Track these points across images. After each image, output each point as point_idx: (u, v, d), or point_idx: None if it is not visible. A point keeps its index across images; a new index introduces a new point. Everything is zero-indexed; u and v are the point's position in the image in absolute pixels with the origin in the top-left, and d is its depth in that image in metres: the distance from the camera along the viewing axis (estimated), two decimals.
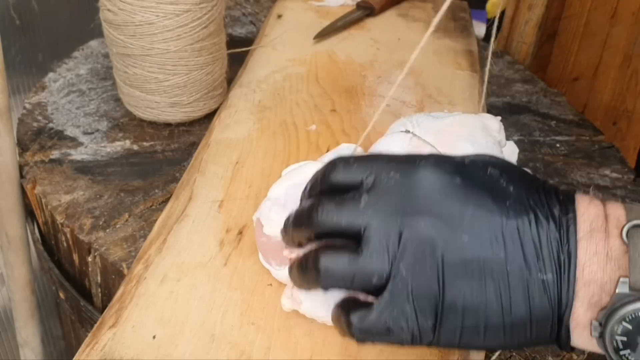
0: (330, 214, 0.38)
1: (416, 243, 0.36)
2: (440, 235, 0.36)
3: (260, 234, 0.49)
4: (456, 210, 0.36)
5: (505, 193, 0.37)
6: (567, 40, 1.09)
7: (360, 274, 0.37)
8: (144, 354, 0.44)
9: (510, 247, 0.35)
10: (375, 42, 0.88)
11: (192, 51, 0.66)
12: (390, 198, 0.37)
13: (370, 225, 0.37)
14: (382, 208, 0.37)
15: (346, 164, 0.40)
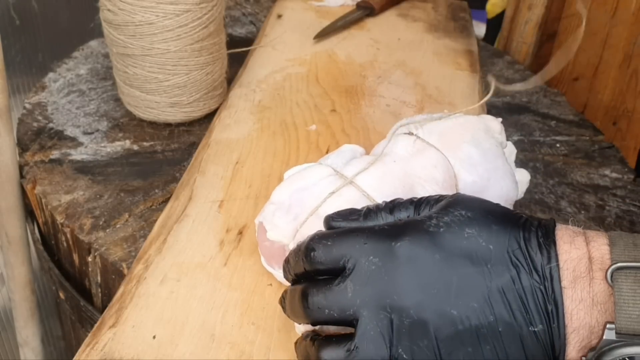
0: (321, 305, 0.39)
1: (408, 327, 0.36)
2: (430, 315, 0.36)
3: (263, 238, 0.49)
4: (441, 287, 0.37)
5: (485, 255, 0.37)
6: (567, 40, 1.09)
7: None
8: (144, 354, 0.44)
9: (497, 309, 0.36)
10: (375, 42, 0.88)
11: (192, 51, 0.66)
12: (374, 285, 0.38)
13: (361, 316, 0.37)
14: (368, 297, 0.37)
15: (325, 245, 0.40)
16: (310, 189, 0.48)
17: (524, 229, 0.38)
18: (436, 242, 0.38)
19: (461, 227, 0.38)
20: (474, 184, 0.50)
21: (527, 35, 1.04)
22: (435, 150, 0.51)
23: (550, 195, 0.70)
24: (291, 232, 0.47)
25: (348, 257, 0.39)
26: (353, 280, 0.38)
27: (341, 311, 0.38)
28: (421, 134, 0.52)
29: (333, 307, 0.39)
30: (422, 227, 0.39)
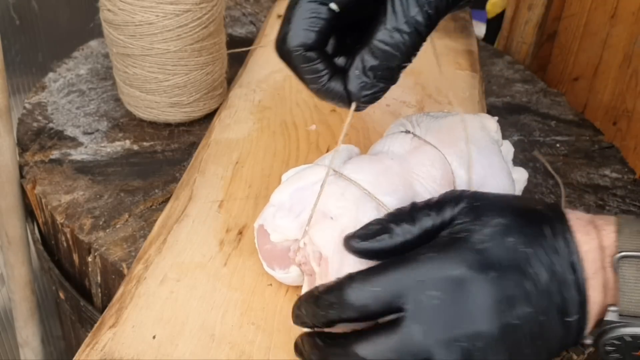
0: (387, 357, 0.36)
1: (482, 350, 0.36)
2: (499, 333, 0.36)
3: (263, 241, 0.49)
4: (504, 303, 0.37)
5: (527, 260, 0.38)
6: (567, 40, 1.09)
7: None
8: (144, 354, 0.44)
9: (546, 309, 0.37)
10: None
11: (192, 51, 0.66)
12: (443, 319, 0.37)
13: (435, 354, 0.36)
14: (441, 333, 0.36)
15: (372, 292, 0.38)
16: (310, 188, 0.48)
17: (548, 224, 0.39)
18: (488, 261, 0.38)
19: (502, 237, 0.38)
20: (471, 181, 0.50)
21: (527, 35, 1.04)
22: (431, 147, 0.51)
23: (550, 195, 0.70)
24: (295, 230, 0.47)
25: (403, 298, 0.37)
26: (419, 320, 0.36)
27: (414, 357, 0.36)
28: (418, 132, 0.52)
29: (404, 355, 0.36)
30: (468, 246, 0.38)
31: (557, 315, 0.37)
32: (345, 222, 0.45)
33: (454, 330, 0.36)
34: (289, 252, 0.48)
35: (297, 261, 0.47)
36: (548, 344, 0.38)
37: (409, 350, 0.36)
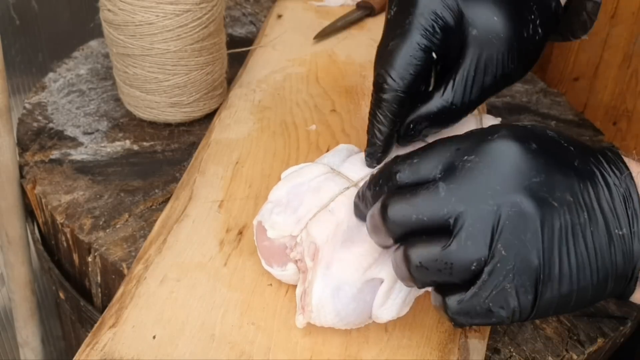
0: (408, 211, 0.38)
1: (514, 220, 0.36)
2: (534, 209, 0.36)
3: (261, 238, 0.49)
4: (543, 179, 0.36)
5: (570, 154, 0.38)
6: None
7: (458, 264, 0.36)
8: (144, 354, 0.44)
9: (590, 208, 0.36)
10: (375, 42, 0.87)
11: (192, 51, 0.66)
12: (474, 181, 0.37)
13: (459, 213, 0.36)
14: (466, 193, 0.37)
15: (410, 164, 0.39)
16: (307, 184, 0.48)
17: (593, 145, 0.39)
18: (530, 134, 0.38)
19: (543, 129, 0.39)
20: None
21: None
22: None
23: None
24: (291, 225, 0.47)
25: (439, 166, 0.38)
26: (446, 181, 0.37)
27: (433, 213, 0.37)
28: None
29: (422, 210, 0.37)
30: (509, 124, 0.39)
31: (607, 223, 0.36)
32: (341, 217, 0.46)
33: (484, 192, 0.36)
34: (286, 249, 0.48)
35: (293, 257, 0.47)
36: (593, 254, 0.36)
37: (429, 207, 0.37)
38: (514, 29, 0.47)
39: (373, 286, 0.45)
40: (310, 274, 0.45)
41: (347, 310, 0.44)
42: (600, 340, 0.53)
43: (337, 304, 0.44)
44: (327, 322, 0.45)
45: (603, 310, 0.55)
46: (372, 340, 0.47)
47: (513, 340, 0.52)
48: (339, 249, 0.45)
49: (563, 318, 0.54)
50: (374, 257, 0.44)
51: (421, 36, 0.46)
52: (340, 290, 0.44)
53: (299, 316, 0.46)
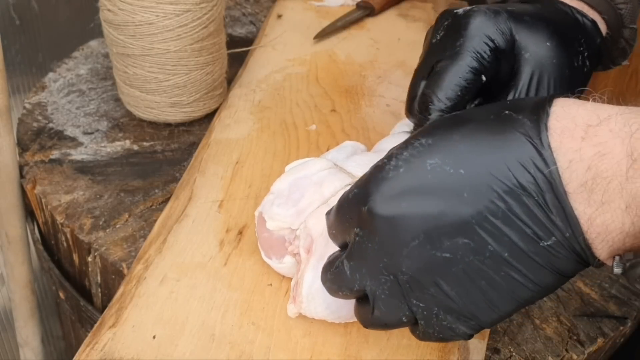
0: (334, 288, 0.41)
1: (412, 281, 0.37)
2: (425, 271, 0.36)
3: (262, 229, 0.49)
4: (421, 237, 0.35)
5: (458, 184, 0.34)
6: None
7: (391, 323, 0.40)
8: (144, 354, 0.44)
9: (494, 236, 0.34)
10: (375, 42, 0.88)
11: (192, 51, 0.66)
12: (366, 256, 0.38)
13: (366, 286, 0.39)
14: (364, 269, 0.38)
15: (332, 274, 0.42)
16: (310, 177, 0.49)
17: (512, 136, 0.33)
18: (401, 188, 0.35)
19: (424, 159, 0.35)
20: None
21: None
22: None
23: None
24: (291, 217, 0.47)
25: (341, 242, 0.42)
26: (347, 257, 0.40)
27: (350, 290, 0.40)
28: None
29: (342, 288, 0.40)
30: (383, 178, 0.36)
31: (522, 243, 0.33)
32: None
33: (375, 266, 0.37)
34: (284, 241, 0.48)
35: (291, 250, 0.47)
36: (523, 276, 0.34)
37: (345, 284, 0.40)
38: (565, 56, 0.47)
39: None
40: (303, 264, 0.46)
41: (338, 303, 0.45)
42: (600, 340, 0.53)
43: (327, 296, 0.44)
44: (317, 314, 0.45)
45: (603, 310, 0.55)
46: (372, 340, 0.47)
47: (513, 340, 0.52)
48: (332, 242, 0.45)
49: (563, 318, 0.54)
50: None
51: (472, 58, 0.45)
52: None
53: (290, 305, 0.46)
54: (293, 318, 0.47)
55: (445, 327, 0.38)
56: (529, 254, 0.34)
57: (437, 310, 0.37)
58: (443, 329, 0.38)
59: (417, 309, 0.37)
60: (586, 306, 0.55)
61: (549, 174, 0.32)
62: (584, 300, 0.56)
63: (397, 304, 0.38)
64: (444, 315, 0.37)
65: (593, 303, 0.56)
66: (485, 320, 0.37)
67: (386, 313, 0.39)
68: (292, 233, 0.48)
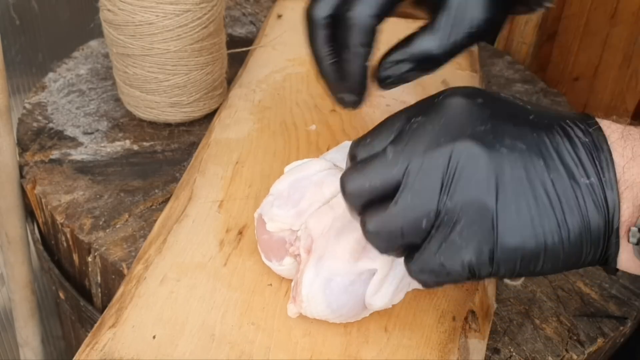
0: (360, 180, 0.37)
1: (460, 171, 0.35)
2: (481, 155, 0.35)
3: (261, 231, 0.49)
4: (488, 127, 0.35)
5: (524, 111, 0.37)
6: (567, 40, 1.09)
7: (407, 224, 0.36)
8: (144, 354, 0.44)
9: (548, 157, 0.35)
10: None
11: (192, 51, 0.66)
12: (418, 139, 0.36)
13: (404, 172, 0.36)
14: (411, 151, 0.36)
15: (364, 142, 0.39)
16: (309, 178, 0.49)
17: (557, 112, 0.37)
18: (479, 92, 0.37)
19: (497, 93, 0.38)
20: None
21: (527, 35, 1.04)
22: None
23: None
24: (291, 218, 0.47)
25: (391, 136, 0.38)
26: (393, 144, 0.37)
27: (383, 177, 0.36)
28: None
29: (372, 177, 0.37)
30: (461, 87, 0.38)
31: (565, 171, 0.34)
32: (339, 212, 0.46)
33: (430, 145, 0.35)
34: (284, 243, 0.48)
35: (292, 252, 0.47)
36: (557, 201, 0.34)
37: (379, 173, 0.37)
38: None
39: (365, 279, 0.45)
40: (303, 264, 0.46)
41: (339, 302, 0.45)
42: (600, 340, 0.53)
43: (329, 295, 0.44)
44: (318, 314, 0.45)
45: (603, 310, 0.55)
46: (372, 340, 0.47)
47: (513, 340, 0.52)
48: (332, 241, 0.45)
49: (563, 318, 0.54)
50: (363, 247, 0.44)
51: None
52: (331, 281, 0.44)
53: (290, 305, 0.46)
54: (293, 318, 0.47)
55: (453, 246, 0.35)
56: (570, 184, 0.34)
57: (459, 217, 0.34)
58: (449, 249, 0.35)
59: (444, 212, 0.34)
60: (586, 306, 0.55)
61: (598, 127, 0.35)
62: (584, 300, 0.56)
63: (428, 198, 0.35)
64: (462, 228, 0.34)
65: (593, 303, 0.56)
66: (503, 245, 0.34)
67: (410, 207, 0.35)
68: (293, 234, 0.48)
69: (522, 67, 0.96)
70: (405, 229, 0.36)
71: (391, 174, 0.36)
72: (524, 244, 0.34)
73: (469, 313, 0.50)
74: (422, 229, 0.36)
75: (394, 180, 0.36)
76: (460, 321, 0.49)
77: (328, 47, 0.49)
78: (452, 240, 0.35)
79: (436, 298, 0.51)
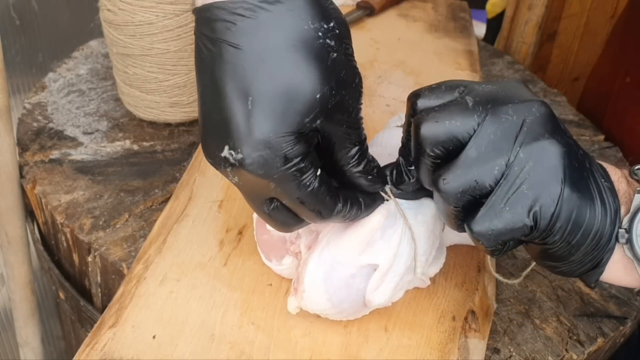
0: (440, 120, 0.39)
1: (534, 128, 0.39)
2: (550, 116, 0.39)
3: (261, 231, 0.49)
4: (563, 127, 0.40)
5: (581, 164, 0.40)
6: (567, 40, 1.09)
7: (484, 172, 0.38)
8: (144, 354, 0.44)
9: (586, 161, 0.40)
10: (375, 42, 0.88)
11: (192, 51, 0.66)
12: (496, 98, 0.39)
13: (482, 122, 0.38)
14: (489, 101, 0.39)
15: (430, 88, 0.42)
16: None
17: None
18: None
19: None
20: None
21: (527, 35, 1.04)
22: None
23: None
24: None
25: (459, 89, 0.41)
26: (471, 94, 0.40)
27: (463, 122, 0.39)
28: None
29: (455, 117, 0.39)
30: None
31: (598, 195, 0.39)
32: None
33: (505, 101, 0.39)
34: (285, 242, 0.48)
35: (293, 250, 0.47)
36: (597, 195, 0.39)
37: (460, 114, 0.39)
38: None
39: (366, 273, 0.45)
40: (304, 257, 0.46)
41: (340, 296, 0.44)
42: (600, 340, 0.53)
43: (330, 287, 0.44)
44: (319, 307, 0.45)
45: (603, 310, 0.55)
46: (372, 340, 0.47)
47: (513, 340, 0.52)
48: (335, 234, 0.45)
49: (563, 318, 0.54)
50: (368, 241, 0.44)
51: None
52: (333, 271, 0.44)
53: (291, 298, 0.46)
54: (293, 318, 0.47)
55: (519, 198, 0.38)
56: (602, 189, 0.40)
57: (530, 166, 0.38)
58: (516, 201, 0.38)
59: (515, 162, 0.38)
60: (586, 306, 0.55)
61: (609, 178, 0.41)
62: (584, 300, 0.56)
63: (501, 148, 0.38)
64: (531, 177, 0.38)
65: (593, 303, 0.56)
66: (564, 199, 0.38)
67: (484, 158, 0.38)
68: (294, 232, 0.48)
69: (522, 67, 0.96)
70: (479, 177, 0.38)
71: (472, 119, 0.39)
72: (579, 209, 0.38)
73: (469, 313, 0.50)
74: (493, 176, 0.38)
75: (471, 127, 0.39)
76: (460, 321, 0.49)
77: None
78: (519, 192, 0.38)
79: (436, 298, 0.51)
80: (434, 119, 0.39)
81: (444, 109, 0.39)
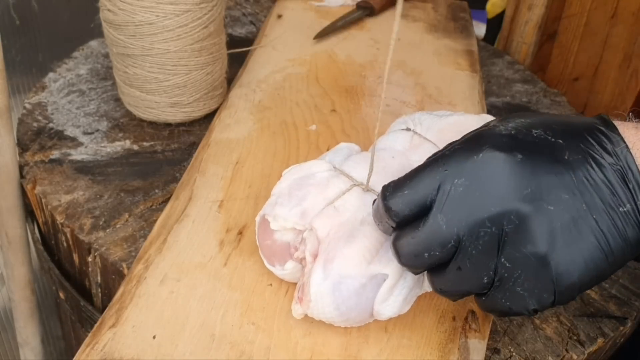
0: (417, 252, 0.40)
1: (513, 234, 0.37)
2: (531, 219, 0.37)
3: (264, 237, 0.49)
4: (534, 188, 0.37)
5: (558, 149, 0.38)
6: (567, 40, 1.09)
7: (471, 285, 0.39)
8: (144, 354, 0.44)
9: (587, 196, 0.37)
10: (375, 42, 0.88)
11: (192, 51, 0.66)
12: (468, 205, 0.38)
13: (462, 241, 0.38)
14: (465, 220, 0.38)
15: (402, 194, 0.40)
16: (313, 177, 0.49)
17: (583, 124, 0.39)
18: (512, 144, 0.38)
19: (528, 129, 0.39)
20: None
21: (527, 35, 1.04)
22: (432, 145, 0.51)
23: None
24: (295, 217, 0.47)
25: (431, 194, 0.39)
26: (443, 211, 0.38)
27: (442, 247, 0.38)
28: (419, 130, 0.53)
29: (434, 246, 0.39)
30: (494, 131, 0.39)
31: (607, 206, 0.37)
32: (346, 215, 0.46)
33: (480, 215, 0.37)
34: (289, 248, 0.48)
35: (297, 256, 0.47)
36: (602, 238, 0.37)
37: (438, 241, 0.38)
38: None
39: (376, 283, 0.44)
40: (309, 265, 0.45)
41: (348, 305, 0.44)
42: (600, 340, 0.53)
43: (338, 297, 0.44)
44: (325, 315, 0.45)
45: (603, 310, 0.55)
46: (372, 340, 0.47)
47: (513, 340, 0.52)
48: (342, 245, 0.45)
49: (563, 318, 0.54)
50: (377, 251, 0.44)
51: None
52: (341, 284, 0.44)
53: (296, 305, 0.46)
54: (293, 318, 0.47)
55: (516, 296, 0.38)
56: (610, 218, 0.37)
57: (519, 273, 0.37)
58: (514, 298, 0.38)
59: (502, 269, 0.37)
60: (586, 306, 0.55)
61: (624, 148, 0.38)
62: (584, 300, 0.56)
63: (485, 262, 0.38)
64: (523, 281, 0.37)
65: (593, 303, 0.56)
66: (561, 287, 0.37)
67: (470, 273, 0.38)
68: (297, 236, 0.47)
69: (522, 67, 0.96)
70: (466, 290, 0.40)
71: (449, 243, 0.38)
72: (580, 281, 0.38)
73: (469, 313, 0.50)
74: (483, 284, 0.39)
75: (451, 250, 0.39)
76: (460, 321, 0.49)
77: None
78: (515, 292, 0.38)
79: (436, 298, 0.51)
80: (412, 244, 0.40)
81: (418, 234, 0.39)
